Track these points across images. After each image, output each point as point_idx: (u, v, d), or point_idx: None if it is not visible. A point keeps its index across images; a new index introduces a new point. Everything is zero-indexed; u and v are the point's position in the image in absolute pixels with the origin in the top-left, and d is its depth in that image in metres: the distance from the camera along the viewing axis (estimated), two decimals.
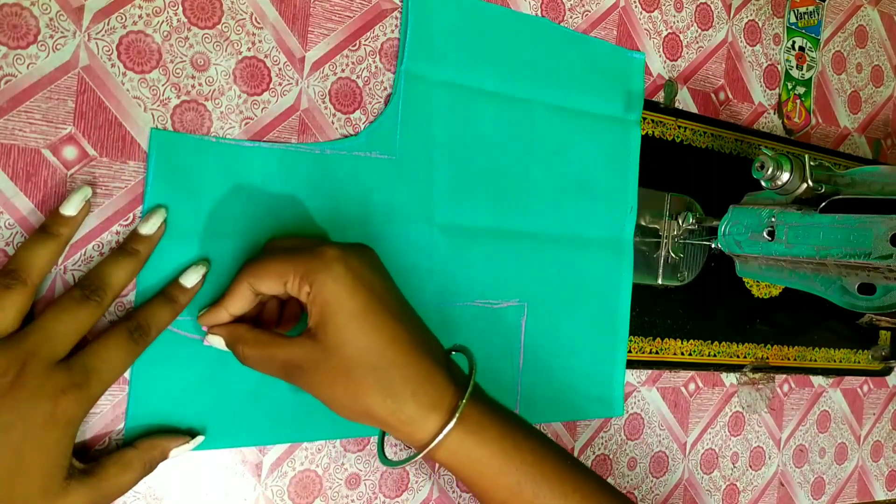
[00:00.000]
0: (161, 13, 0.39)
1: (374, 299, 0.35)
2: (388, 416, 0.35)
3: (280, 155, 0.42)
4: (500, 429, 0.37)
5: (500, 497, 0.37)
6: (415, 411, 0.35)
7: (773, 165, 0.45)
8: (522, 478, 0.37)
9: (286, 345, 0.35)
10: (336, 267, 0.34)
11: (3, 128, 0.36)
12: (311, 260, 0.35)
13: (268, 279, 0.36)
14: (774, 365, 0.63)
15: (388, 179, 0.45)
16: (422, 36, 0.46)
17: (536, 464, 0.37)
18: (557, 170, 0.51)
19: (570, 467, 0.39)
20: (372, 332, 0.35)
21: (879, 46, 0.72)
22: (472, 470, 0.37)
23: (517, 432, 0.38)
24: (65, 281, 0.37)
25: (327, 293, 0.34)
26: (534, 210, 0.50)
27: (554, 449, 0.39)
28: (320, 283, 0.34)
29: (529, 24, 0.50)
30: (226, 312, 0.37)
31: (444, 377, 0.36)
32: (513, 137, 0.49)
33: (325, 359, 0.34)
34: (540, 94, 0.50)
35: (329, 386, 0.35)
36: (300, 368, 0.35)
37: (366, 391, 0.34)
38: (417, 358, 0.36)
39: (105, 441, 0.38)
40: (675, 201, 0.57)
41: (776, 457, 0.65)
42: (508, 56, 0.49)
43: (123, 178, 0.38)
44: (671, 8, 0.58)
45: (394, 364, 0.35)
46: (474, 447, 0.36)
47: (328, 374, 0.34)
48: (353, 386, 0.34)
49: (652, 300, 0.56)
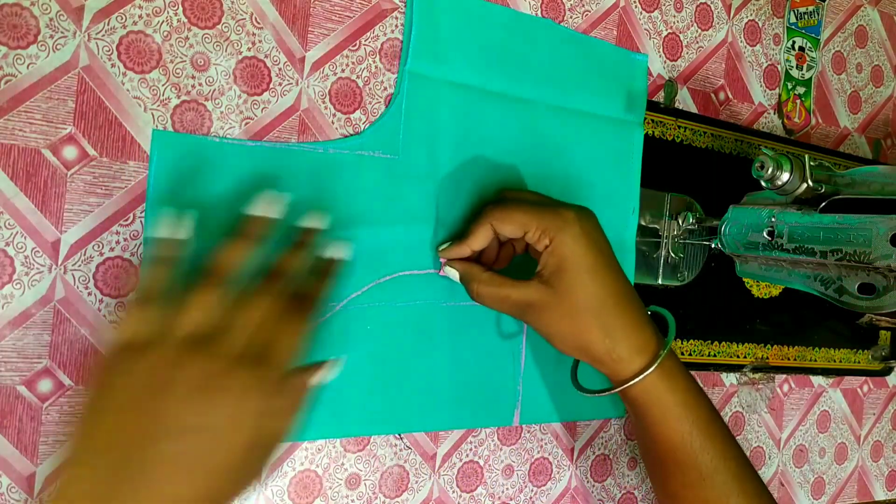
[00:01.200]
0: (161, 13, 0.39)
1: (602, 258, 0.42)
2: (603, 353, 0.42)
3: (283, 154, 0.42)
4: (687, 383, 0.44)
5: (673, 439, 0.44)
6: (625, 352, 0.42)
7: (773, 165, 0.45)
8: (695, 429, 0.43)
9: (521, 286, 0.42)
10: (574, 227, 0.41)
11: (3, 128, 0.36)
12: (554, 218, 0.41)
13: (511, 225, 0.42)
14: (774, 365, 0.63)
15: (391, 179, 0.45)
16: (426, 36, 0.46)
17: (710, 422, 0.44)
18: (560, 170, 0.51)
19: (731, 437, 0.45)
20: (599, 284, 0.42)
21: (879, 46, 0.72)
22: (657, 410, 0.43)
23: (698, 391, 0.45)
24: (64, 280, 0.37)
25: (566, 249, 0.41)
26: None
27: (721, 420, 0.45)
28: (560, 239, 0.41)
29: (533, 24, 0.50)
30: (468, 248, 0.44)
31: (650, 328, 0.43)
32: (516, 138, 0.49)
33: (558, 302, 0.41)
34: (543, 94, 0.50)
35: (557, 323, 0.42)
36: (532, 307, 0.42)
37: (590, 330, 0.42)
38: (631, 309, 0.43)
39: None
40: (675, 201, 0.57)
41: (776, 457, 0.65)
42: (512, 57, 0.49)
43: (123, 178, 0.38)
44: (671, 8, 0.58)
45: (614, 312, 0.42)
46: (665, 391, 0.43)
47: (558, 313, 0.41)
48: (579, 325, 0.42)
49: (652, 300, 0.56)
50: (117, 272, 0.38)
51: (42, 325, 0.37)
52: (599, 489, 0.55)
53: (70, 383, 0.37)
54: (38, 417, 0.37)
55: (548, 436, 0.53)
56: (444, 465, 0.48)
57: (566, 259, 0.41)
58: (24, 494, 0.37)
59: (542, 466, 0.53)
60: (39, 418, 0.37)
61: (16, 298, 0.36)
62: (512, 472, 0.51)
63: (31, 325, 0.37)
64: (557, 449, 0.53)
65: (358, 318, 0.44)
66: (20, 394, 0.36)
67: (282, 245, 0.38)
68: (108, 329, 0.37)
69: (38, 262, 0.37)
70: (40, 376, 0.37)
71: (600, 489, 0.55)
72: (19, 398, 0.36)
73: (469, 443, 0.49)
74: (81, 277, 0.38)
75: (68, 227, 0.37)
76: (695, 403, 0.44)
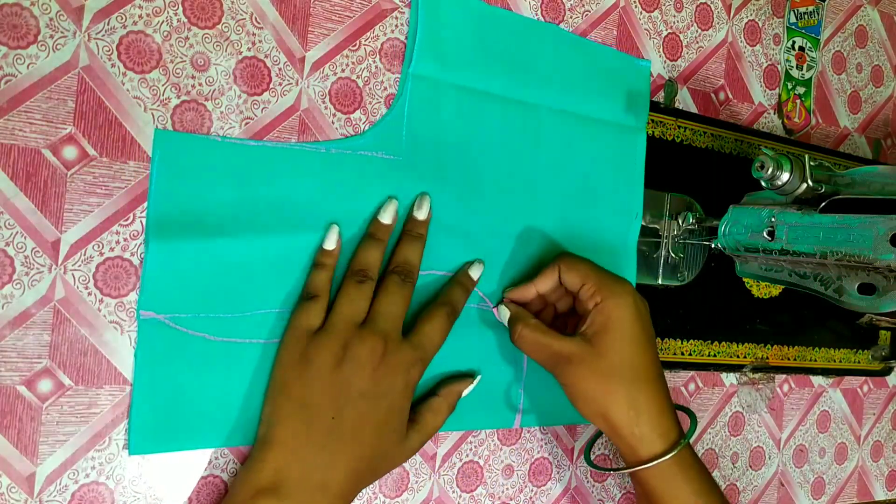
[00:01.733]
0: (161, 13, 0.39)
1: (645, 334, 0.44)
2: (624, 425, 0.43)
3: (285, 154, 0.42)
4: (701, 475, 0.45)
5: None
6: (647, 431, 0.43)
7: (773, 165, 0.45)
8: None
9: (563, 339, 0.44)
10: (628, 297, 0.44)
11: (3, 128, 0.36)
12: (614, 282, 0.44)
13: (575, 274, 0.45)
14: (774, 365, 0.63)
15: (394, 179, 0.45)
16: (430, 38, 0.46)
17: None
18: (563, 175, 0.51)
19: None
20: (638, 356, 0.43)
21: (879, 46, 0.72)
22: (670, 496, 0.44)
23: (713, 485, 0.45)
24: (64, 280, 0.37)
25: (615, 312, 0.43)
26: (539, 214, 0.50)
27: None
28: (613, 302, 0.43)
29: (537, 29, 0.50)
30: (534, 289, 0.47)
31: (673, 416, 0.45)
32: (519, 141, 0.49)
33: (593, 359, 0.43)
34: (546, 98, 0.50)
35: (586, 380, 0.43)
36: (568, 361, 0.43)
37: (616, 396, 0.42)
38: (660, 392, 0.44)
39: (105, 441, 0.38)
40: (675, 201, 0.57)
41: (776, 457, 0.65)
42: (516, 61, 0.49)
43: (123, 178, 0.38)
44: (671, 8, 0.58)
45: (644, 388, 0.43)
46: (682, 480, 0.43)
47: (590, 370, 0.43)
48: (608, 387, 0.43)
49: (652, 300, 0.56)
50: (117, 272, 0.38)
51: (42, 325, 0.37)
52: (599, 489, 0.55)
53: (70, 383, 0.37)
54: (38, 417, 0.37)
55: (548, 436, 0.53)
56: (444, 464, 0.48)
57: (613, 321, 0.43)
58: (24, 494, 0.37)
59: (542, 466, 0.53)
60: (39, 418, 0.37)
61: (16, 298, 0.36)
62: (512, 472, 0.51)
63: (31, 325, 0.37)
64: (557, 449, 0.53)
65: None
66: (20, 394, 0.36)
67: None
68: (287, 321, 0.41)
69: (38, 262, 0.37)
70: (40, 376, 0.37)
71: (600, 489, 0.55)
72: (19, 398, 0.36)
73: (469, 443, 0.49)
74: (81, 277, 0.38)
75: (68, 227, 0.37)
76: (709, 496, 0.44)
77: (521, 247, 0.49)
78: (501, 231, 0.49)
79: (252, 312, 0.41)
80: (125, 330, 0.38)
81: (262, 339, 0.41)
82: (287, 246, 0.41)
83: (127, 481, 0.39)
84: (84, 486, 0.38)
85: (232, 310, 0.40)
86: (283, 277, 0.41)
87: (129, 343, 0.39)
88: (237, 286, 0.40)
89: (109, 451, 0.38)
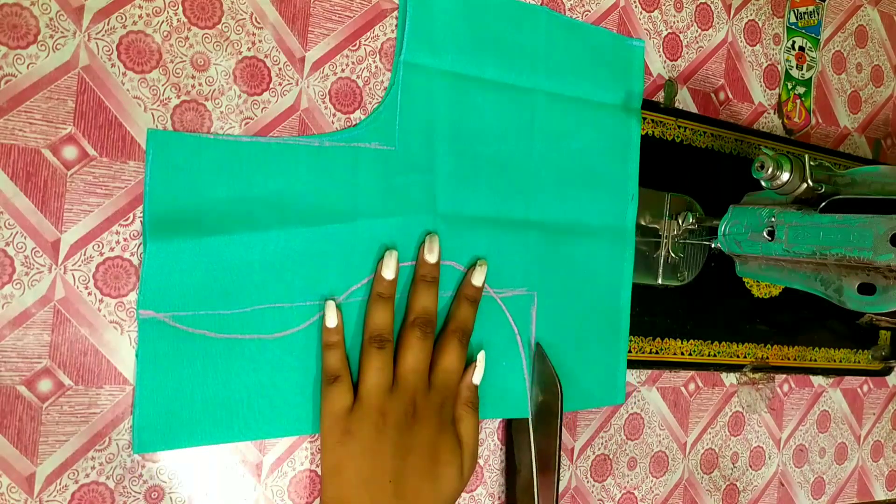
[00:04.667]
0: (161, 13, 0.39)
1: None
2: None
3: (279, 149, 0.42)
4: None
5: None
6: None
7: (773, 165, 0.45)
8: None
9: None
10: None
11: (3, 128, 0.36)
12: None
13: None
14: (774, 365, 0.63)
15: (390, 170, 0.45)
16: (421, 25, 0.46)
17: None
18: (559, 158, 0.51)
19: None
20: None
21: (879, 46, 0.72)
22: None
23: None
24: (64, 280, 0.37)
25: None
26: (536, 198, 0.50)
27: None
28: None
29: (529, 12, 0.50)
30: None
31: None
32: (514, 126, 0.49)
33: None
34: (540, 82, 0.50)
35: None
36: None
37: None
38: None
39: (105, 441, 0.38)
40: (675, 201, 0.57)
41: (776, 457, 0.65)
42: (508, 45, 0.49)
43: (123, 178, 0.38)
44: (671, 8, 0.58)
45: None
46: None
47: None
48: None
49: (652, 300, 0.56)
50: (117, 272, 0.38)
51: (42, 325, 0.37)
52: (599, 489, 0.55)
53: (70, 383, 0.37)
54: (38, 417, 0.37)
55: None
56: None
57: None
58: (24, 494, 0.37)
59: None
60: (39, 418, 0.37)
61: (16, 298, 0.36)
62: None
63: (31, 325, 0.37)
64: None
65: (357, 310, 0.44)
66: (20, 394, 0.36)
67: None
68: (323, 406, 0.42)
69: (38, 262, 0.37)
70: (40, 376, 0.37)
71: (600, 489, 0.55)
72: (19, 398, 0.36)
73: None
74: (81, 277, 0.38)
75: (68, 227, 0.37)
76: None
77: (518, 233, 0.49)
78: (499, 217, 0.49)
79: (252, 308, 0.41)
80: (125, 330, 0.38)
81: (263, 334, 0.41)
82: (284, 240, 0.41)
83: (127, 481, 0.39)
84: (84, 486, 0.38)
85: (232, 306, 0.40)
86: (281, 272, 0.41)
87: (129, 343, 0.39)
88: (236, 282, 0.40)
89: (109, 451, 0.38)
